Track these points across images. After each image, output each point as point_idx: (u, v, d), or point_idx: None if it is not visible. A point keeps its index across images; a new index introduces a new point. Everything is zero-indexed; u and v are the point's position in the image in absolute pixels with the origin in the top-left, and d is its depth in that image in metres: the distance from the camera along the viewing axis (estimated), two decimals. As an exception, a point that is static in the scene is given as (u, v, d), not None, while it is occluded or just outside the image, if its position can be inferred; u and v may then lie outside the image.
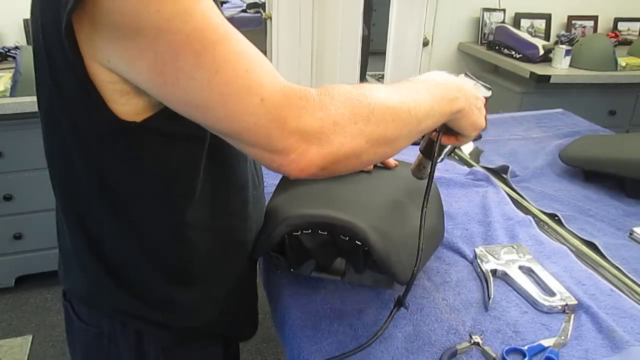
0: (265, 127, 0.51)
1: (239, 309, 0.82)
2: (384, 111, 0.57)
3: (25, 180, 2.00)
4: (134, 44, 0.49)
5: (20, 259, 2.15)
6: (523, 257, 0.94)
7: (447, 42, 2.73)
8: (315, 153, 0.52)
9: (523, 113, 1.83)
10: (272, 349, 1.98)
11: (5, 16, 2.25)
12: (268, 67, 0.53)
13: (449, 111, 0.67)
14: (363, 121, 0.55)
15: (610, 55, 2.42)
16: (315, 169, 0.53)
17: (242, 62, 0.50)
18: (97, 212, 0.65)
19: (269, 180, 1.13)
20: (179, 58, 0.49)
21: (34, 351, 1.93)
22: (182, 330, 0.74)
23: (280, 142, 0.52)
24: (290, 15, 2.41)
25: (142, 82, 0.53)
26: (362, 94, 0.56)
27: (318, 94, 0.53)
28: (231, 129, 0.53)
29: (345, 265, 0.87)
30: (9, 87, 1.86)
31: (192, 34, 0.49)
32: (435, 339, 0.76)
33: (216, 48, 0.49)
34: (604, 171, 1.28)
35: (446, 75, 0.71)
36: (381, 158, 0.61)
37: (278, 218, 0.81)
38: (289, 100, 0.51)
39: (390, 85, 0.62)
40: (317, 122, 0.52)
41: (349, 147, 0.54)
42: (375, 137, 0.56)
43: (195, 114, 0.53)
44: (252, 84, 0.50)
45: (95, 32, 0.50)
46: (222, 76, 0.49)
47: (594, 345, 0.76)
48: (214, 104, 0.51)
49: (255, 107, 0.50)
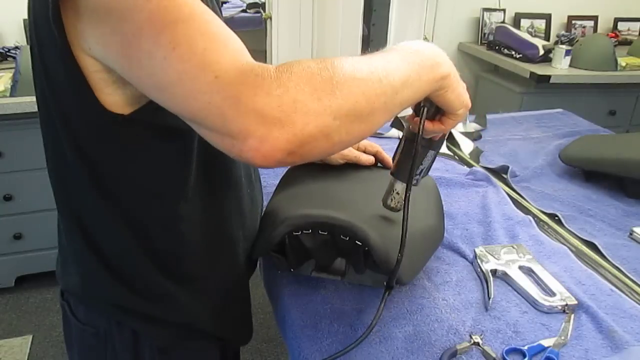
0: (219, 107, 0.48)
1: (232, 307, 0.82)
2: (350, 83, 0.51)
3: (25, 180, 2.00)
4: (107, 27, 0.49)
5: (20, 259, 2.15)
6: (523, 257, 0.94)
7: (447, 42, 2.73)
8: (277, 136, 0.47)
9: (523, 113, 1.83)
10: (272, 349, 1.98)
11: (5, 16, 2.25)
12: (233, 47, 0.50)
13: (432, 78, 0.59)
14: (327, 96, 0.49)
15: (610, 55, 2.42)
16: (281, 153, 0.48)
17: (201, 41, 0.48)
18: (90, 205, 0.65)
19: (269, 180, 1.14)
20: (141, 38, 0.48)
21: (34, 351, 1.93)
22: (177, 327, 0.74)
23: (236, 124, 0.48)
24: (290, 15, 2.41)
25: (117, 68, 0.52)
26: (324, 67, 0.50)
27: (276, 70, 0.49)
28: (188, 110, 0.50)
29: (345, 265, 0.87)
30: (9, 87, 1.86)
31: (155, 12, 0.48)
32: (435, 339, 0.77)
33: (178, 26, 0.48)
34: (604, 171, 1.28)
35: (424, 42, 0.63)
36: (358, 137, 0.55)
37: (278, 218, 0.81)
38: (243, 77, 0.47)
39: (359, 56, 0.56)
40: (274, 100, 0.47)
41: (314, 126, 0.49)
42: (344, 113, 0.50)
43: (159, 97, 0.52)
44: (208, 60, 0.48)
45: (77, 18, 0.51)
46: (179, 53, 0.47)
47: (594, 345, 0.76)
48: (171, 82, 0.49)
49: (209, 85, 0.47)
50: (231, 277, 0.80)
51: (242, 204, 0.78)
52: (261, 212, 0.89)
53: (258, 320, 2.06)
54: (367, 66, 0.53)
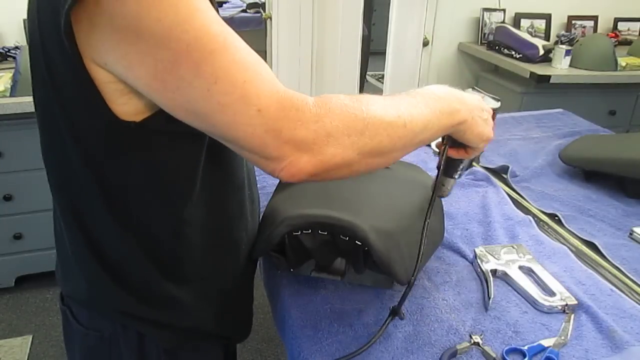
0: (261, 137, 0.52)
1: (235, 306, 0.82)
2: (378, 125, 0.57)
3: (25, 180, 2.00)
4: (134, 49, 0.50)
5: (20, 259, 2.15)
6: (523, 257, 0.94)
7: (447, 42, 2.73)
8: (306, 161, 0.54)
9: (523, 113, 1.83)
10: (272, 349, 1.98)
11: (5, 16, 2.25)
12: (266, 75, 0.53)
13: (450, 124, 0.67)
14: (356, 134, 0.56)
15: (610, 55, 2.42)
16: (306, 175, 0.55)
17: (240, 72, 0.51)
18: (96, 211, 0.65)
19: (269, 180, 1.14)
20: (179, 67, 0.50)
21: (34, 351, 1.93)
22: (183, 329, 0.74)
23: (275, 151, 0.53)
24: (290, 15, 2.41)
25: (140, 87, 0.53)
26: (358, 108, 0.56)
27: (315, 105, 0.54)
28: (228, 136, 0.54)
29: (345, 265, 0.87)
30: (9, 87, 1.86)
31: (192, 43, 0.49)
32: (435, 339, 0.77)
33: (215, 57, 0.50)
34: (604, 171, 1.28)
35: (447, 88, 0.70)
36: (373, 168, 0.62)
37: (278, 218, 0.81)
38: (285, 112, 0.52)
39: (388, 97, 0.63)
40: (311, 134, 0.53)
41: (340, 158, 0.55)
42: (368, 150, 0.57)
43: (193, 120, 0.54)
44: (249, 94, 0.51)
45: (93, 32, 0.51)
46: (221, 86, 0.50)
47: (594, 345, 0.76)
48: (212, 112, 0.52)
49: (252, 118, 0.51)
50: (235, 278, 0.80)
51: (244, 206, 0.79)
52: (260, 213, 0.89)
53: (258, 320, 2.06)
54: (395, 110, 0.60)
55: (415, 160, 1.01)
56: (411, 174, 0.98)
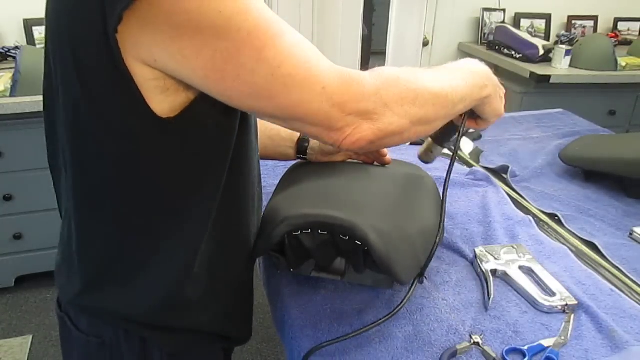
0: (328, 112, 0.57)
1: (239, 307, 0.82)
2: (426, 96, 0.64)
3: (25, 180, 2.00)
4: (191, 43, 0.51)
5: (20, 259, 2.15)
6: (523, 257, 0.94)
7: (447, 42, 2.73)
8: (367, 129, 0.60)
9: (523, 113, 1.83)
10: (272, 349, 1.98)
11: (5, 16, 2.25)
12: (320, 55, 0.57)
13: (479, 97, 0.74)
14: (409, 104, 0.62)
15: (610, 55, 2.42)
16: (366, 142, 0.60)
17: (301, 54, 0.55)
18: (119, 216, 0.64)
19: (269, 180, 1.14)
20: (241, 54, 0.52)
21: (34, 351, 1.93)
22: (187, 333, 0.74)
23: (340, 122, 0.58)
24: (290, 15, 2.41)
25: (195, 79, 0.55)
26: (409, 80, 0.63)
27: (372, 77, 0.59)
28: (294, 115, 0.58)
29: (345, 265, 0.87)
30: (9, 87, 1.86)
31: (253, 31, 0.52)
32: (435, 339, 0.77)
33: (276, 42, 0.53)
34: (604, 171, 1.28)
35: (479, 63, 0.77)
36: (420, 136, 0.69)
37: (278, 218, 0.81)
38: (347, 86, 0.57)
39: (433, 70, 0.70)
40: (371, 104, 0.59)
41: (396, 126, 0.62)
42: (418, 118, 0.63)
43: (253, 105, 0.57)
44: (312, 73, 0.55)
45: (143, 31, 0.50)
46: (285, 69, 0.54)
47: (594, 345, 0.76)
48: (277, 94, 0.55)
49: (319, 95, 0.56)
50: (238, 278, 0.80)
51: (253, 216, 0.79)
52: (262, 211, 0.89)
53: (258, 320, 2.06)
54: (439, 83, 0.67)
55: (415, 160, 1.01)
56: (410, 173, 0.98)
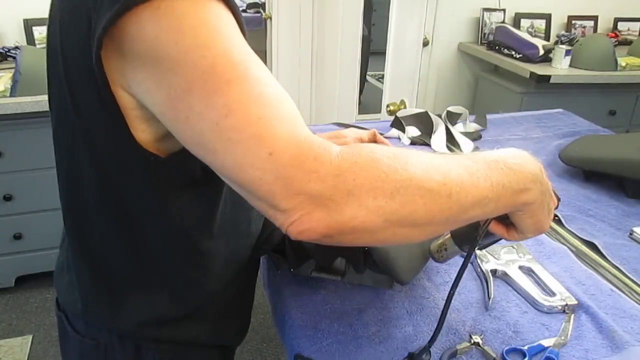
0: (270, 184, 0.46)
1: (236, 316, 0.83)
2: (413, 191, 0.48)
3: (25, 180, 2.00)
4: (152, 74, 0.47)
5: (20, 259, 2.15)
6: (523, 257, 0.94)
7: (447, 42, 2.73)
8: (319, 219, 0.46)
9: (523, 113, 1.83)
10: (272, 349, 1.98)
11: (5, 16, 2.25)
12: (288, 115, 0.47)
13: (512, 203, 0.55)
14: (384, 198, 0.47)
15: (610, 55, 2.42)
16: (317, 235, 0.47)
17: (256, 107, 0.45)
18: (108, 236, 0.64)
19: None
20: (191, 95, 0.45)
21: (34, 351, 1.93)
22: (182, 343, 0.74)
23: (284, 202, 0.46)
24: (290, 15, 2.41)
25: (157, 114, 0.50)
26: (392, 166, 0.47)
27: (338, 156, 0.47)
28: (236, 179, 0.48)
29: (345, 265, 0.87)
30: (9, 87, 1.86)
31: (208, 71, 0.45)
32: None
33: (231, 89, 0.45)
34: (604, 171, 1.28)
35: (524, 157, 0.58)
36: (406, 239, 0.52)
37: (278, 218, 0.80)
38: (300, 160, 0.45)
39: (441, 157, 0.52)
40: (327, 188, 0.46)
41: (361, 222, 0.47)
42: (397, 218, 0.48)
43: (203, 155, 0.49)
44: (263, 133, 0.45)
45: (118, 57, 0.49)
46: (232, 121, 0.45)
47: (594, 345, 0.76)
48: (221, 149, 0.46)
49: (262, 162, 0.45)
50: (238, 290, 0.80)
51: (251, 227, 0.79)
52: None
53: (258, 320, 2.06)
54: (441, 175, 0.49)
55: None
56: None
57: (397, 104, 1.86)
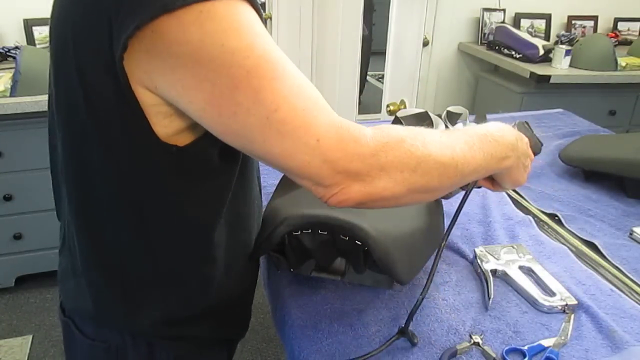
0: (318, 167, 0.52)
1: (240, 310, 0.83)
2: (431, 165, 0.57)
3: (25, 180, 2.00)
4: (191, 74, 0.49)
5: (20, 259, 2.15)
6: (523, 257, 0.94)
7: (447, 42, 2.73)
8: (357, 191, 0.55)
9: (523, 113, 1.83)
10: (272, 349, 1.98)
11: (5, 16, 2.25)
12: (323, 104, 0.53)
13: (496, 167, 0.68)
14: (409, 171, 0.56)
15: (610, 55, 2.42)
16: (354, 203, 0.56)
17: (300, 100, 0.51)
18: (121, 233, 0.64)
19: (269, 180, 1.14)
20: (238, 93, 0.49)
21: (34, 351, 1.93)
22: (193, 339, 0.75)
23: (328, 180, 0.54)
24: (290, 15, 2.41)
25: (192, 111, 0.52)
26: (414, 145, 0.57)
27: (372, 138, 0.54)
28: (284, 164, 0.54)
29: (345, 265, 0.87)
30: (9, 87, 1.86)
31: (253, 70, 0.49)
32: (435, 339, 0.76)
33: (275, 84, 0.50)
34: (604, 171, 1.28)
35: (505, 129, 0.70)
36: (419, 202, 0.65)
37: (278, 218, 0.81)
38: (343, 143, 0.52)
39: (445, 134, 0.62)
40: (365, 167, 0.54)
41: (390, 192, 0.56)
42: (417, 187, 0.57)
43: (246, 146, 0.54)
44: (308, 123, 0.51)
45: (146, 58, 0.50)
46: (281, 114, 0.50)
47: (594, 345, 0.76)
48: (270, 140, 0.51)
49: (311, 148, 0.51)
50: (243, 284, 0.80)
51: (254, 218, 0.79)
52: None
53: (258, 320, 2.06)
54: (450, 151, 0.60)
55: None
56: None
57: (397, 104, 1.86)
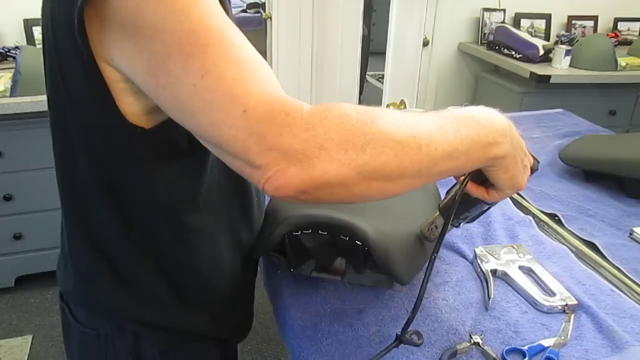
0: (244, 141, 0.47)
1: (235, 310, 0.82)
2: (383, 143, 0.49)
3: (25, 180, 2.00)
4: (133, 43, 0.49)
5: (20, 259, 2.15)
6: (523, 257, 0.94)
7: (447, 42, 2.73)
8: (294, 174, 0.48)
9: (523, 113, 1.83)
10: (272, 349, 1.98)
11: (5, 16, 2.25)
12: (261, 76, 0.49)
13: (484, 157, 0.57)
14: (355, 150, 0.48)
15: (610, 55, 2.42)
16: (293, 191, 0.48)
17: (231, 69, 0.47)
18: (101, 213, 0.65)
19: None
20: (170, 60, 0.47)
21: (34, 351, 1.93)
22: (180, 332, 0.75)
23: (259, 158, 0.48)
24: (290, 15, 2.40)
25: (140, 84, 0.52)
26: (362, 120, 0.49)
27: (309, 112, 0.48)
28: (213, 138, 0.50)
29: (345, 265, 0.87)
30: (9, 87, 1.86)
31: (185, 36, 0.47)
32: (435, 339, 0.76)
33: (207, 52, 0.47)
34: (604, 171, 1.28)
35: (494, 113, 0.59)
36: (380, 194, 0.53)
37: (278, 218, 0.81)
38: (272, 114, 0.47)
39: (409, 113, 0.55)
40: (299, 142, 0.47)
41: (334, 176, 0.48)
42: (369, 170, 0.49)
43: (182, 119, 0.51)
44: (237, 92, 0.47)
45: (102, 29, 0.50)
46: (208, 81, 0.47)
47: (594, 345, 0.76)
48: (198, 110, 0.48)
49: (236, 119, 0.47)
50: (235, 281, 0.80)
51: (251, 212, 0.79)
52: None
53: (258, 320, 2.06)
54: (409, 129, 0.51)
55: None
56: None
57: (397, 104, 1.86)
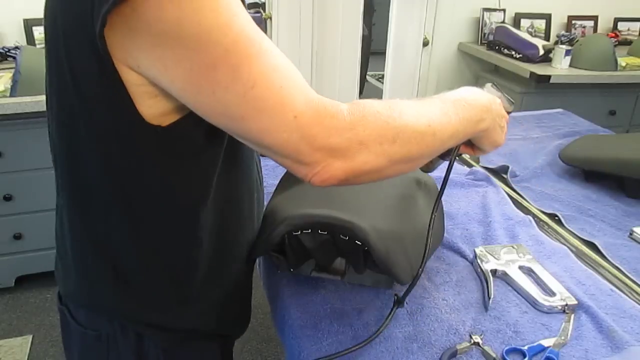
0: (296, 144, 0.53)
1: (235, 306, 0.83)
2: (409, 134, 0.59)
3: (25, 180, 2.00)
4: (171, 53, 0.50)
5: (20, 259, 2.15)
6: (523, 257, 0.94)
7: (447, 42, 2.73)
8: (338, 167, 0.55)
9: (523, 113, 1.83)
10: (272, 349, 1.97)
11: (5, 16, 2.25)
12: (300, 82, 0.54)
13: (473, 132, 0.69)
14: (388, 142, 0.57)
15: (610, 55, 2.42)
16: (337, 181, 0.56)
17: (277, 77, 0.52)
18: (110, 217, 0.65)
19: (269, 180, 1.14)
20: (216, 71, 0.50)
21: (34, 351, 1.93)
22: (183, 331, 0.75)
23: (308, 157, 0.54)
24: (290, 15, 2.41)
25: (174, 90, 0.53)
26: (391, 116, 0.58)
27: (349, 112, 0.55)
28: (263, 141, 0.54)
29: (345, 265, 0.87)
30: (9, 87, 1.86)
31: (231, 48, 0.50)
32: (435, 339, 0.77)
33: (252, 62, 0.51)
34: (604, 171, 1.28)
35: (477, 93, 0.71)
36: (402, 172, 0.64)
37: (278, 218, 0.81)
38: (320, 118, 0.53)
39: (420, 102, 0.64)
40: (344, 142, 0.54)
41: (371, 165, 0.57)
42: (398, 157, 0.59)
43: (227, 124, 0.55)
44: (285, 100, 0.52)
45: (128, 36, 0.50)
46: (258, 91, 0.51)
47: (594, 345, 0.76)
48: (248, 117, 0.52)
49: (288, 124, 0.52)
50: (237, 278, 0.80)
51: (253, 208, 0.79)
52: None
53: (258, 320, 2.06)
54: (426, 119, 0.61)
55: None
56: (412, 175, 0.98)
57: (397, 104, 1.86)
